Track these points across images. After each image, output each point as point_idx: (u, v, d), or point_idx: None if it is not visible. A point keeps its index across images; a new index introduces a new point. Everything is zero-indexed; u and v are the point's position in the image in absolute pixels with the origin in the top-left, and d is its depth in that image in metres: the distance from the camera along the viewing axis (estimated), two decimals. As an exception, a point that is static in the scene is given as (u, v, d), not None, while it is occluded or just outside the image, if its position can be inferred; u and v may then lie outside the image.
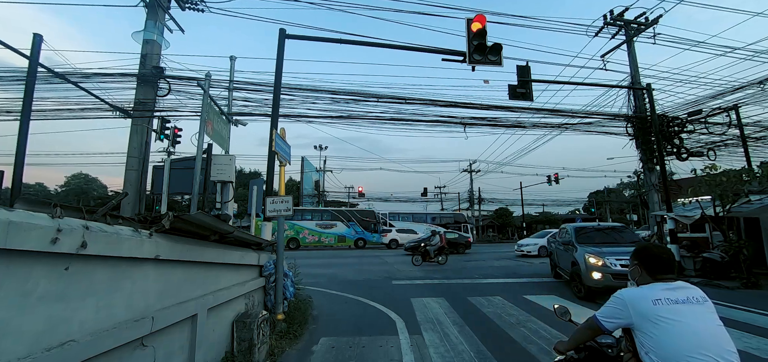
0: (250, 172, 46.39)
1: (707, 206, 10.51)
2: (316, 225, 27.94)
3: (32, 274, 1.66)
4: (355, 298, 7.75)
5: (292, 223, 26.49)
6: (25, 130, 5.61)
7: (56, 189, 44.59)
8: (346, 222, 28.55)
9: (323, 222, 28.23)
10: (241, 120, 9.91)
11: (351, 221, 28.74)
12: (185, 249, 2.87)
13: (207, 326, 3.21)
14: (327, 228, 27.97)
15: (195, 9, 9.80)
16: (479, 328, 5.33)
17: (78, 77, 9.06)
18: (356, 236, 28.41)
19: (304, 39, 7.51)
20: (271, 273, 5.03)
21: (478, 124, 12.51)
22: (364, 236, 28.56)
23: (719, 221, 10.20)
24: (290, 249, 25.67)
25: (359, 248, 27.66)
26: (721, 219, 10.09)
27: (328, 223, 28.25)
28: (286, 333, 4.80)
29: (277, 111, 6.45)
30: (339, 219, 28.59)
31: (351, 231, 28.44)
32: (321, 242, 27.65)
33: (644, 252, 1.77)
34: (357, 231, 28.56)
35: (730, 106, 12.96)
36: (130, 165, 8.17)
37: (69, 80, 8.59)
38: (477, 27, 6.97)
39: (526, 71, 8.82)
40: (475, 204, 42.50)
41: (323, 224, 28.13)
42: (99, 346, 1.95)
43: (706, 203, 10.66)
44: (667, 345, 1.46)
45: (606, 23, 13.23)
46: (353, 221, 28.77)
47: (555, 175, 32.68)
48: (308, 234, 27.46)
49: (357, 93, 11.29)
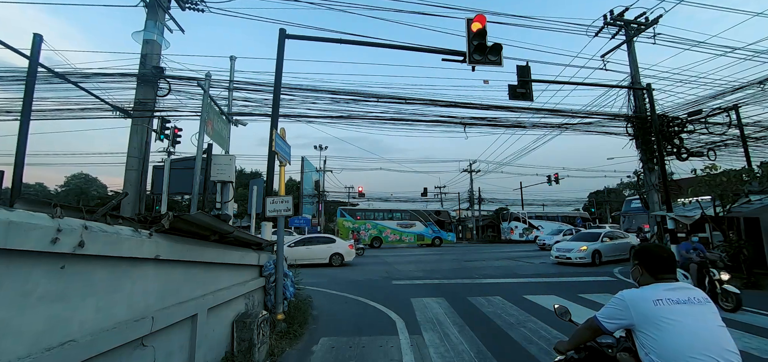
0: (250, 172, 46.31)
1: (707, 206, 10.51)
2: (397, 224, 29.34)
3: (32, 274, 1.66)
4: (356, 298, 7.75)
5: (375, 223, 28.69)
6: (25, 130, 5.61)
7: (56, 190, 44.59)
8: (424, 222, 29.86)
9: (403, 222, 29.58)
10: (241, 120, 9.91)
11: (429, 221, 30.14)
12: (185, 249, 2.87)
13: (207, 326, 3.21)
14: (407, 228, 29.34)
15: (195, 9, 9.80)
16: (479, 328, 5.33)
17: (78, 77, 9.05)
18: (433, 235, 29.75)
19: (304, 39, 7.51)
20: (271, 273, 5.03)
21: (478, 124, 12.50)
22: (441, 235, 29.86)
23: (719, 221, 10.20)
24: (374, 247, 27.35)
25: (436, 247, 28.52)
26: (721, 219, 10.08)
27: (408, 223, 29.60)
28: (286, 333, 4.80)
29: (277, 111, 6.45)
30: (417, 219, 29.92)
31: (429, 230, 29.79)
32: (402, 241, 29.03)
33: (644, 253, 1.77)
34: (434, 230, 29.94)
35: (730, 106, 12.96)
36: (130, 165, 8.17)
37: (69, 80, 8.58)
38: (477, 27, 6.98)
39: (526, 71, 8.82)
40: (475, 204, 42.46)
41: (403, 223, 29.50)
42: (99, 346, 1.95)
43: (706, 203, 10.66)
44: (668, 346, 1.46)
45: (606, 23, 13.22)
46: (430, 221, 30.14)
47: (555, 175, 32.69)
48: (390, 233, 28.82)
49: (357, 93, 11.29)
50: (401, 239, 29.03)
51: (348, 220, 28.46)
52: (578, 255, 13.20)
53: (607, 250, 13.71)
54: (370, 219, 29.27)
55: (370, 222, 29.01)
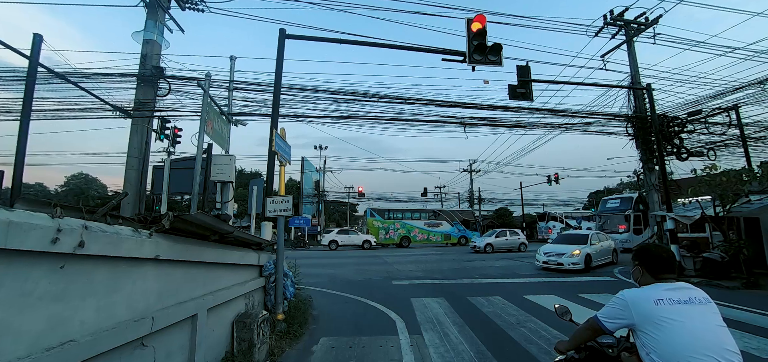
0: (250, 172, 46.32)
1: (707, 206, 10.51)
2: (425, 224, 30.08)
3: (32, 274, 1.66)
4: (356, 298, 7.75)
5: (404, 222, 29.61)
6: (25, 130, 5.61)
7: (56, 190, 44.53)
8: (450, 222, 30.60)
9: (431, 222, 30.35)
10: (241, 120, 9.90)
11: (455, 220, 30.85)
12: (185, 250, 2.87)
13: (207, 326, 3.21)
14: (434, 227, 30.03)
15: (195, 9, 9.80)
16: (479, 328, 5.33)
17: (78, 77, 9.05)
18: (459, 234, 30.49)
19: (304, 39, 7.51)
20: (271, 273, 5.02)
21: (478, 124, 12.50)
22: (466, 234, 30.55)
23: (719, 221, 10.20)
24: (402, 246, 28.09)
25: (461, 246, 28.95)
26: (721, 219, 10.09)
27: (435, 223, 30.35)
28: (286, 333, 4.80)
29: (277, 111, 6.44)
30: (444, 219, 30.68)
31: (455, 230, 30.50)
32: (429, 240, 29.72)
33: (645, 253, 1.77)
34: (460, 230, 30.73)
35: (730, 106, 12.96)
36: (130, 165, 8.16)
37: (69, 80, 8.58)
38: (477, 27, 6.98)
39: (526, 71, 8.82)
40: (475, 204, 42.45)
41: (431, 223, 30.27)
42: (99, 346, 1.95)
43: (706, 203, 10.66)
44: (669, 346, 1.46)
45: (606, 23, 13.23)
46: (456, 220, 30.88)
47: (555, 175, 32.68)
48: (418, 232, 29.57)
49: (357, 93, 11.28)
50: (429, 238, 29.69)
51: (378, 220, 29.23)
52: (571, 261, 11.49)
53: (596, 254, 12.37)
54: (398, 218, 30.00)
55: (398, 222, 29.71)
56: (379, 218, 29.37)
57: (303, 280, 7.13)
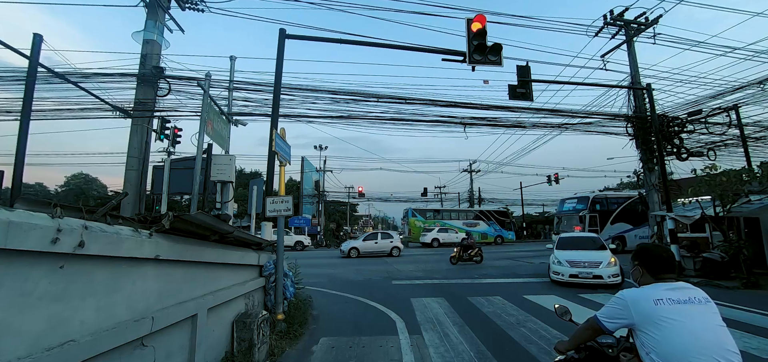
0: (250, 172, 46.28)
1: (707, 206, 10.50)
2: (463, 223, 30.32)
3: (32, 274, 1.66)
4: (356, 298, 7.75)
5: (444, 222, 30.26)
6: (25, 130, 5.61)
7: (56, 190, 44.49)
8: (486, 221, 30.97)
9: (469, 222, 30.67)
10: (241, 120, 9.90)
11: (490, 220, 31.20)
12: (185, 250, 2.87)
13: (207, 326, 3.21)
14: (472, 227, 30.09)
15: (195, 9, 9.79)
16: (479, 328, 5.33)
17: (78, 77, 9.04)
18: (496, 233, 30.80)
19: (304, 39, 7.50)
20: (271, 273, 5.03)
21: (478, 124, 12.50)
22: (502, 233, 30.90)
23: (719, 221, 10.19)
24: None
25: (497, 245, 29.00)
26: (721, 219, 10.08)
27: (472, 222, 30.68)
28: (286, 333, 4.80)
29: (277, 111, 6.44)
30: (481, 219, 31.11)
31: (491, 229, 30.83)
32: None
33: (644, 253, 1.77)
34: (496, 229, 31.02)
35: (730, 106, 12.96)
36: (130, 165, 8.16)
37: (69, 80, 8.58)
38: (477, 27, 6.97)
39: (526, 71, 8.82)
40: (475, 204, 42.46)
41: (469, 223, 30.59)
42: (99, 346, 1.95)
43: (706, 203, 10.65)
44: (669, 345, 1.46)
45: (606, 23, 13.22)
46: (492, 220, 31.19)
47: (555, 175, 32.66)
48: (457, 232, 29.70)
49: (357, 93, 11.28)
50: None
51: (419, 220, 29.80)
52: (610, 272, 8.68)
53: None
54: (438, 219, 30.51)
55: (439, 222, 30.12)
56: (421, 218, 29.83)
57: (303, 280, 7.13)
